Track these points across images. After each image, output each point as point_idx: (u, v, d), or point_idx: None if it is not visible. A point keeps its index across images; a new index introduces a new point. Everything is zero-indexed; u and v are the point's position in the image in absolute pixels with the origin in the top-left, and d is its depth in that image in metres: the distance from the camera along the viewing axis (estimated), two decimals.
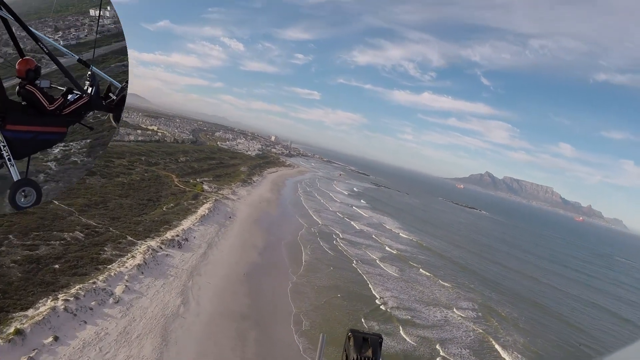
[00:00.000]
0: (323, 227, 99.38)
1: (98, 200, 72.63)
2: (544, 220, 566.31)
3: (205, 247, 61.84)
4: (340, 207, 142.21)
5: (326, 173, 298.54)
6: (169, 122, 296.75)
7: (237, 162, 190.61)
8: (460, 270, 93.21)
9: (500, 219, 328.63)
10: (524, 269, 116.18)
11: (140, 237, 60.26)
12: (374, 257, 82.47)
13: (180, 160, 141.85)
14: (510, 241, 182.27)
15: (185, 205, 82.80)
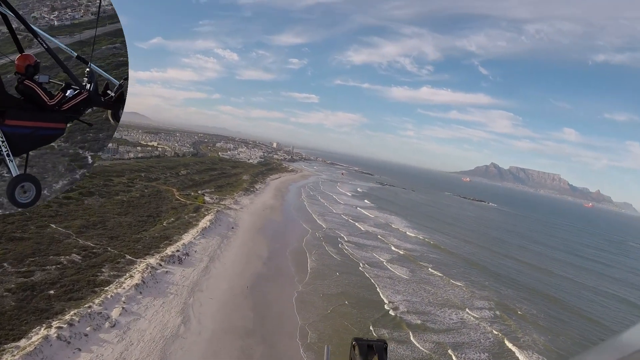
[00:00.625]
0: (328, 230, 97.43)
1: (96, 221, 71.16)
2: (553, 208, 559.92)
3: (207, 261, 60.07)
4: (345, 209, 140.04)
5: (330, 175, 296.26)
6: (169, 137, 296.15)
7: (239, 171, 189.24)
8: (472, 267, 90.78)
9: (509, 210, 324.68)
10: (537, 262, 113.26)
11: (139, 255, 58.60)
12: (381, 259, 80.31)
13: (181, 174, 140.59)
14: (521, 233, 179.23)
15: (186, 219, 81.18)
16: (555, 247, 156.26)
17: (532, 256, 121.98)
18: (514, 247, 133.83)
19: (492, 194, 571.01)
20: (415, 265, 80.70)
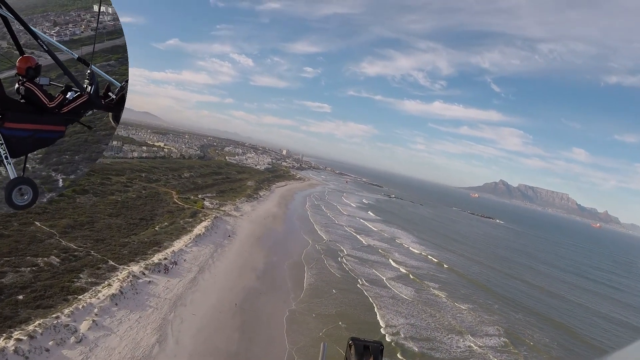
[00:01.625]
0: (330, 243, 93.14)
1: (84, 221, 67.56)
2: (561, 227, 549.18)
3: (196, 272, 55.98)
4: (349, 220, 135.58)
5: (337, 185, 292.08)
6: (177, 138, 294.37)
7: (245, 176, 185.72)
8: (479, 288, 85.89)
9: (517, 228, 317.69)
10: (547, 285, 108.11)
11: (123, 261, 54.74)
12: (382, 276, 75.68)
13: (183, 176, 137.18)
14: (530, 252, 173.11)
15: (180, 224, 77.37)
16: (564, 268, 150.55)
17: (542, 278, 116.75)
18: (523, 267, 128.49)
19: (500, 211, 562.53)
20: (418, 285, 76.01)
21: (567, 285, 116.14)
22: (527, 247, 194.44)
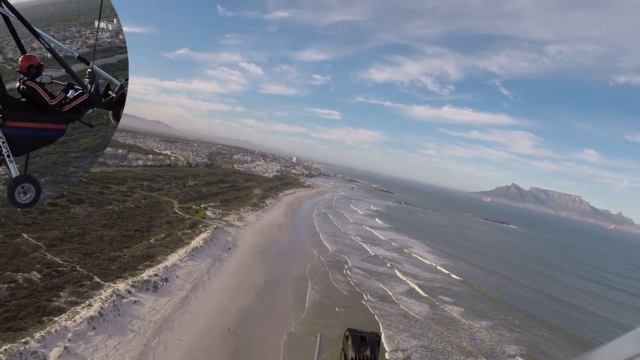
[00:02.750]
0: (336, 254, 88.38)
1: (75, 233, 63.94)
2: (575, 231, 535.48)
3: (189, 290, 51.72)
4: (357, 229, 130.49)
5: (347, 193, 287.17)
6: (185, 147, 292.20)
7: (252, 184, 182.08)
8: (497, 303, 79.96)
9: (532, 233, 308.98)
10: (568, 296, 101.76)
11: (109, 277, 50.81)
12: (391, 292, 70.38)
13: (188, 185, 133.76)
14: (546, 259, 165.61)
15: (178, 236, 73.39)
16: (583, 276, 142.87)
17: (561, 289, 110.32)
18: (540, 276, 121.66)
19: (512, 215, 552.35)
20: (430, 300, 70.54)
21: (588, 295, 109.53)
22: (543, 253, 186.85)
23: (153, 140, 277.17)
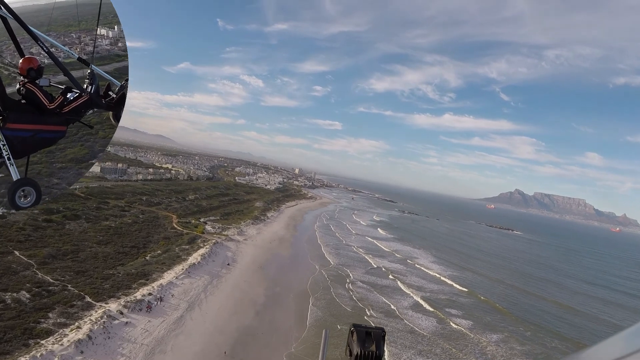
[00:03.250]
0: (339, 268, 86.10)
1: (68, 250, 62.13)
2: (581, 234, 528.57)
3: (184, 309, 49.55)
4: (360, 241, 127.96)
5: (350, 203, 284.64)
6: (187, 160, 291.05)
7: (253, 197, 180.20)
8: (506, 315, 77.05)
9: (537, 238, 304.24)
10: (578, 304, 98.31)
11: (102, 297, 48.82)
12: (395, 306, 67.69)
13: (187, 199, 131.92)
14: (553, 265, 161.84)
15: (175, 252, 71.43)
16: (592, 281, 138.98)
17: (572, 297, 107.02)
18: (549, 284, 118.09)
19: (517, 221, 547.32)
20: (436, 314, 67.86)
21: (598, 302, 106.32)
22: (550, 259, 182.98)
23: (154, 154, 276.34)
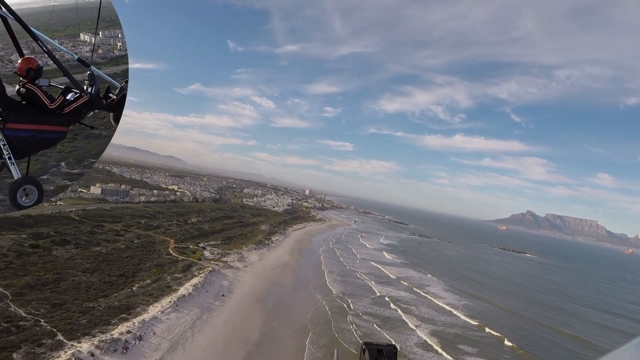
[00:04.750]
0: (343, 298, 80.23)
1: (50, 279, 57.89)
2: (594, 257, 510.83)
3: (165, 350, 44.63)
4: (369, 268, 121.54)
5: (359, 226, 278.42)
6: (194, 181, 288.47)
7: (260, 219, 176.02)
8: (521, 353, 70.12)
9: (551, 262, 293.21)
10: (597, 338, 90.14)
11: (75, 335, 44.22)
12: (403, 345, 61.33)
13: (189, 222, 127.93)
14: (569, 293, 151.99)
15: (167, 281, 66.85)
16: (610, 310, 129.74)
17: (596, 330, 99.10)
18: (569, 317, 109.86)
19: (530, 243, 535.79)
20: (448, 355, 61.74)
21: (618, 335, 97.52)
22: (565, 285, 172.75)
23: (161, 175, 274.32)
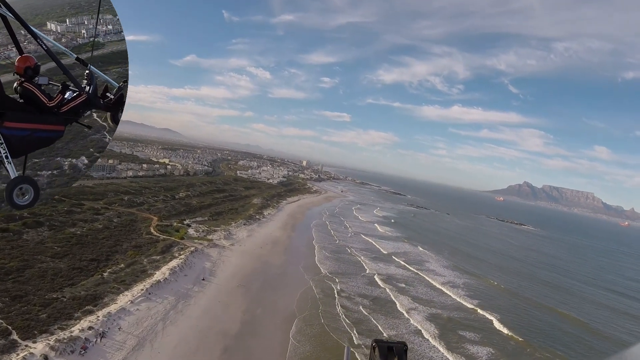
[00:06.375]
0: (334, 278, 75.75)
1: (14, 267, 53.04)
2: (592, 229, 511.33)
3: (130, 349, 40.03)
4: (363, 243, 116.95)
5: (356, 197, 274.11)
6: (187, 154, 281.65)
7: (252, 192, 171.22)
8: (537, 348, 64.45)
9: (550, 234, 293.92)
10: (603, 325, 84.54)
11: (31, 333, 39.60)
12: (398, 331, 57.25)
13: (177, 197, 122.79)
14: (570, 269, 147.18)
15: (142, 265, 62.20)
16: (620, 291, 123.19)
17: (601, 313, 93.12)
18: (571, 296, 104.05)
19: (527, 214, 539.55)
20: (445, 343, 57.38)
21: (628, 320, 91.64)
22: (566, 261, 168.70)
23: (153, 149, 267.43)
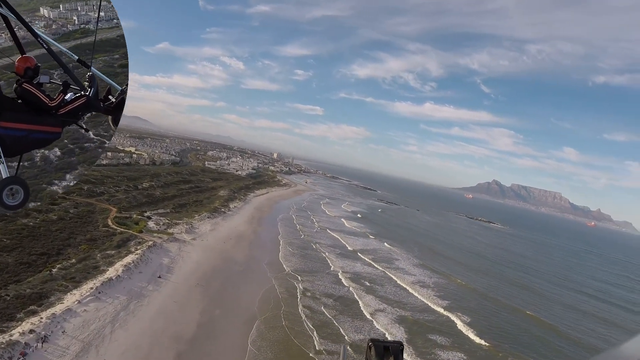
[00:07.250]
0: (297, 277, 73.76)
1: None
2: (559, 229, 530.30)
3: (73, 355, 37.14)
4: (331, 240, 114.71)
5: (327, 192, 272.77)
6: (155, 143, 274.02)
7: (219, 184, 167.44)
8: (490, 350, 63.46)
9: (519, 232, 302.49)
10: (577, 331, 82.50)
11: None
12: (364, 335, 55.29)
13: (140, 187, 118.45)
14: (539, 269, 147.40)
15: (95, 260, 58.89)
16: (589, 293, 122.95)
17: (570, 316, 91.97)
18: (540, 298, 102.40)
19: (496, 212, 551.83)
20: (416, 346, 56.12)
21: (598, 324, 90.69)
22: (536, 260, 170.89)
23: (120, 137, 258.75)
